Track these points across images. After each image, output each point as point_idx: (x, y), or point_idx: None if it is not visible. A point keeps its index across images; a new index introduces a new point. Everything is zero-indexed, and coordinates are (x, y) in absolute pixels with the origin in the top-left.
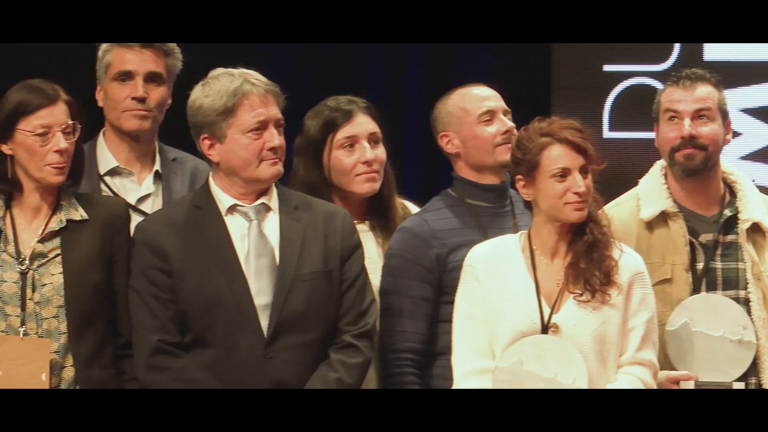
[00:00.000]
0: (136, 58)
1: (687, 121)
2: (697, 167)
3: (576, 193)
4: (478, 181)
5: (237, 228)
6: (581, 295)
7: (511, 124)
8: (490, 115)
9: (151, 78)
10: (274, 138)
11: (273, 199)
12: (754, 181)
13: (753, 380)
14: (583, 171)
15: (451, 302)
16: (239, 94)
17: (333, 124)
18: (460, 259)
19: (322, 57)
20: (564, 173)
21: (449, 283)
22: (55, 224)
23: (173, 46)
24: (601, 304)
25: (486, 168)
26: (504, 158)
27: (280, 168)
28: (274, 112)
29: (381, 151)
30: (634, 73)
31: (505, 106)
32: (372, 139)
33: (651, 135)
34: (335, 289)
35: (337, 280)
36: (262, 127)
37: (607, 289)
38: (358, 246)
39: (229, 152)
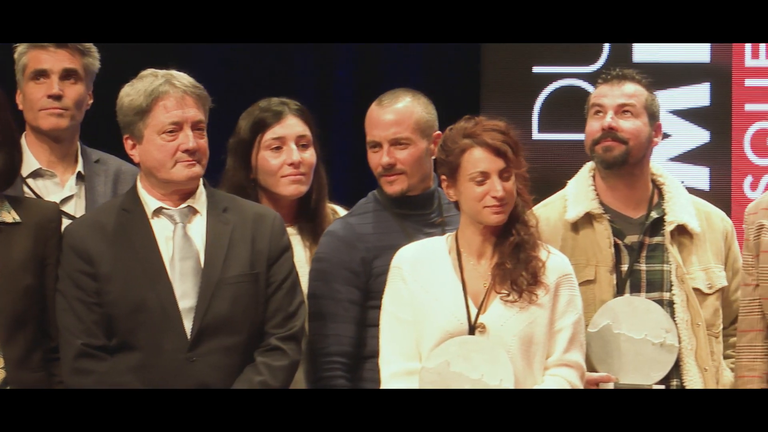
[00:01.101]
0: (50, 57)
1: (609, 114)
2: (615, 160)
3: (495, 197)
4: None
5: (162, 231)
6: (508, 295)
7: (387, 159)
8: (374, 145)
9: (67, 75)
10: (189, 140)
11: (200, 202)
12: (683, 182)
13: (675, 382)
14: (504, 175)
15: (378, 307)
16: (155, 94)
17: (262, 125)
18: (386, 264)
19: (249, 58)
20: (483, 177)
21: (375, 287)
22: None
23: (89, 45)
24: (529, 304)
25: None
26: (386, 191)
27: (196, 170)
28: (192, 113)
29: (310, 155)
30: (564, 74)
31: (398, 135)
32: (300, 142)
33: (580, 137)
34: (262, 292)
35: (264, 283)
36: (176, 128)
37: (534, 290)
38: (287, 248)
39: (146, 153)
